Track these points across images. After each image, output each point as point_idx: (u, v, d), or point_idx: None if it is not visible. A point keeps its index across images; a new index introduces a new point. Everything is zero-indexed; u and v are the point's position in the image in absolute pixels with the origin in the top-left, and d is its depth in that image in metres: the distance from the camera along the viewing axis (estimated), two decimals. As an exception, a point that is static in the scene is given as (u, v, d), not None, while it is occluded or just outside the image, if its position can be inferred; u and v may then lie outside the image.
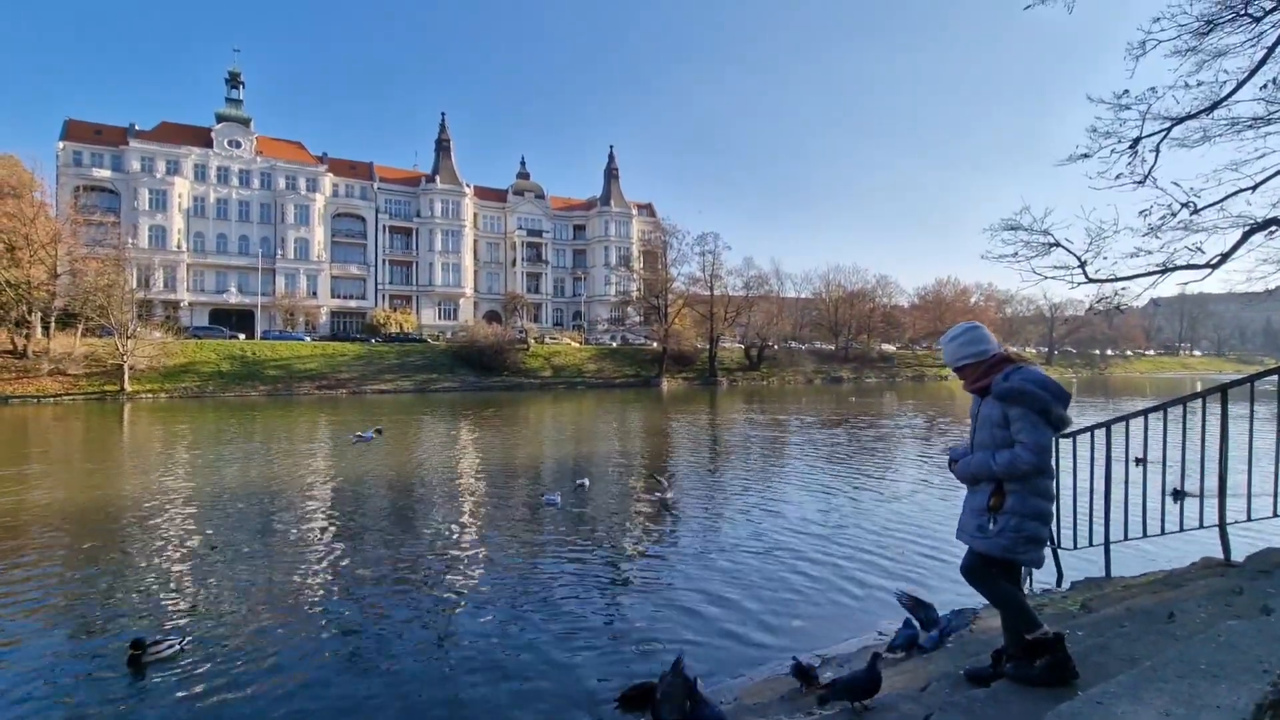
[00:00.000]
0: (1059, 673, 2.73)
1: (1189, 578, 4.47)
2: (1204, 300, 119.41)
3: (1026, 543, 2.83)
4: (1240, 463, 4.40)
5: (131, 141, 56.16)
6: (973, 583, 3.02)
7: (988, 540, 2.89)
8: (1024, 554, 2.86)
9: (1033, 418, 2.79)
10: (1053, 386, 2.82)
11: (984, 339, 3.03)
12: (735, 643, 5.47)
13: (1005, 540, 2.84)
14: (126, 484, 12.75)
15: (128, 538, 8.89)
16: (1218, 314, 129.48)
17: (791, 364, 70.16)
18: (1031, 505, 2.83)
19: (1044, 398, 2.78)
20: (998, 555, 2.88)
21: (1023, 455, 2.78)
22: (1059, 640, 2.76)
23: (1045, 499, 2.87)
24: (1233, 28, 6.24)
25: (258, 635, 5.69)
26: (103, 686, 4.78)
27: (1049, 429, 2.80)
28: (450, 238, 68.43)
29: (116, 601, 6.53)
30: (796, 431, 22.58)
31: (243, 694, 4.68)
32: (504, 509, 10.57)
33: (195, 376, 42.36)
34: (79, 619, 6.11)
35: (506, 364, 53.10)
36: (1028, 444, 2.78)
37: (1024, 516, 2.82)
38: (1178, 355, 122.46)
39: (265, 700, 4.60)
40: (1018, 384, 2.82)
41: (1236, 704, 2.02)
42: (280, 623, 5.95)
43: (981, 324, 3.15)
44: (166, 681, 4.86)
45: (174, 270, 56.02)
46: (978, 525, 2.95)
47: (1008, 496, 2.86)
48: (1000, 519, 2.86)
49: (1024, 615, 2.86)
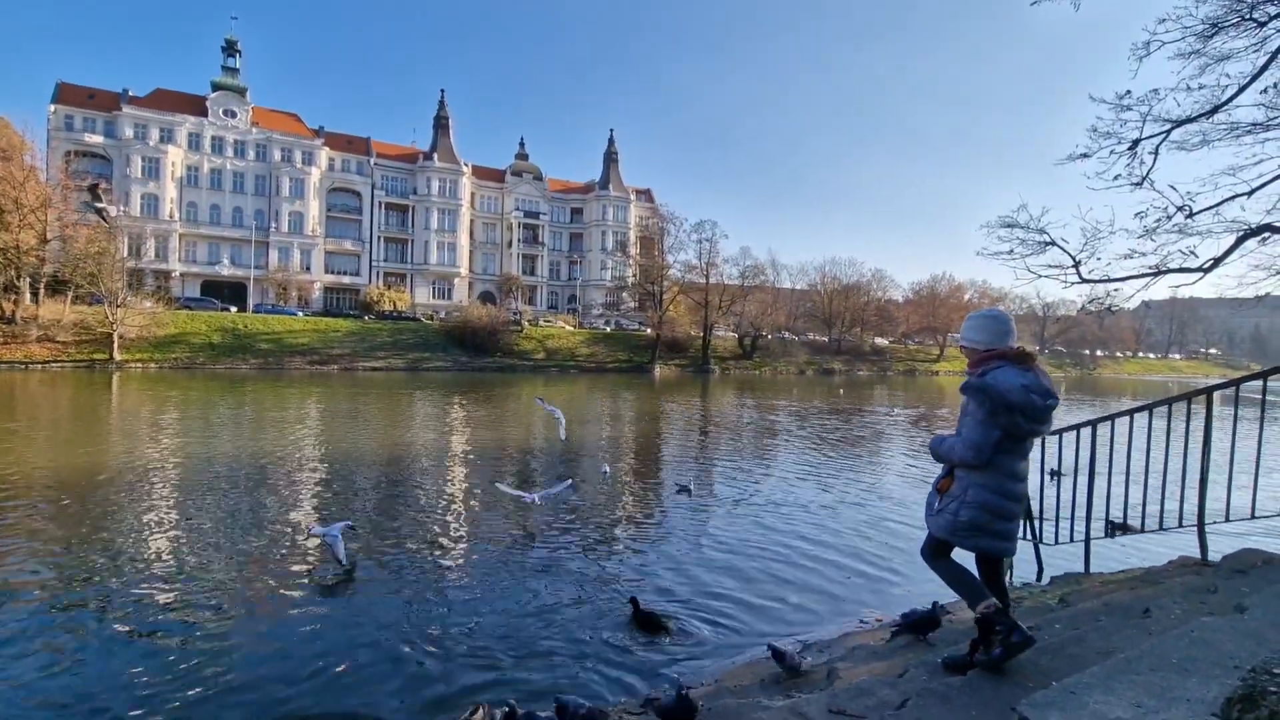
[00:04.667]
0: (1009, 645, 2.79)
1: (1166, 575, 4.56)
2: (1194, 304, 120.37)
3: (968, 529, 2.89)
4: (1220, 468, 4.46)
5: (125, 107, 55.25)
6: (927, 561, 3.13)
7: (932, 519, 3.05)
8: (964, 539, 2.93)
9: (980, 416, 2.84)
10: (1018, 395, 2.77)
11: (994, 331, 3.01)
12: (716, 627, 5.52)
13: (944, 521, 2.96)
14: (110, 451, 12.69)
15: (105, 503, 8.86)
16: (1207, 318, 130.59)
17: (784, 354, 70.37)
18: (976, 495, 2.88)
19: (998, 401, 2.77)
20: (937, 535, 3.01)
21: (957, 447, 2.90)
22: (1004, 609, 2.85)
23: (997, 494, 2.88)
24: (1237, 32, 6.25)
25: (226, 601, 5.74)
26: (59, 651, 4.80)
27: (994, 430, 2.81)
28: (447, 216, 67.90)
29: (86, 562, 6.57)
30: (787, 420, 22.68)
31: (212, 661, 4.71)
32: (489, 490, 10.59)
33: (185, 348, 42.07)
34: (44, 582, 6.10)
35: (500, 345, 53.02)
36: (965, 439, 2.88)
37: (964, 503, 2.89)
38: (1168, 358, 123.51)
39: (234, 670, 4.62)
40: (979, 381, 2.86)
41: (1206, 697, 2.07)
42: (241, 588, 6.02)
43: (1008, 316, 3.09)
44: (130, 641, 4.93)
45: (166, 240, 55.35)
46: (928, 503, 3.12)
47: (955, 481, 2.95)
48: (942, 500, 2.99)
49: (968, 590, 2.95)
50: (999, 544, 2.93)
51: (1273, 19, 6.01)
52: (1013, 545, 2.99)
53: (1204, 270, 6.82)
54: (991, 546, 2.94)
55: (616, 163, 78.86)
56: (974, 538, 2.91)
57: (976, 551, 3.01)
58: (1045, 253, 7.70)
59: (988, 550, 2.98)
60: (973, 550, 3.01)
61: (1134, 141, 6.99)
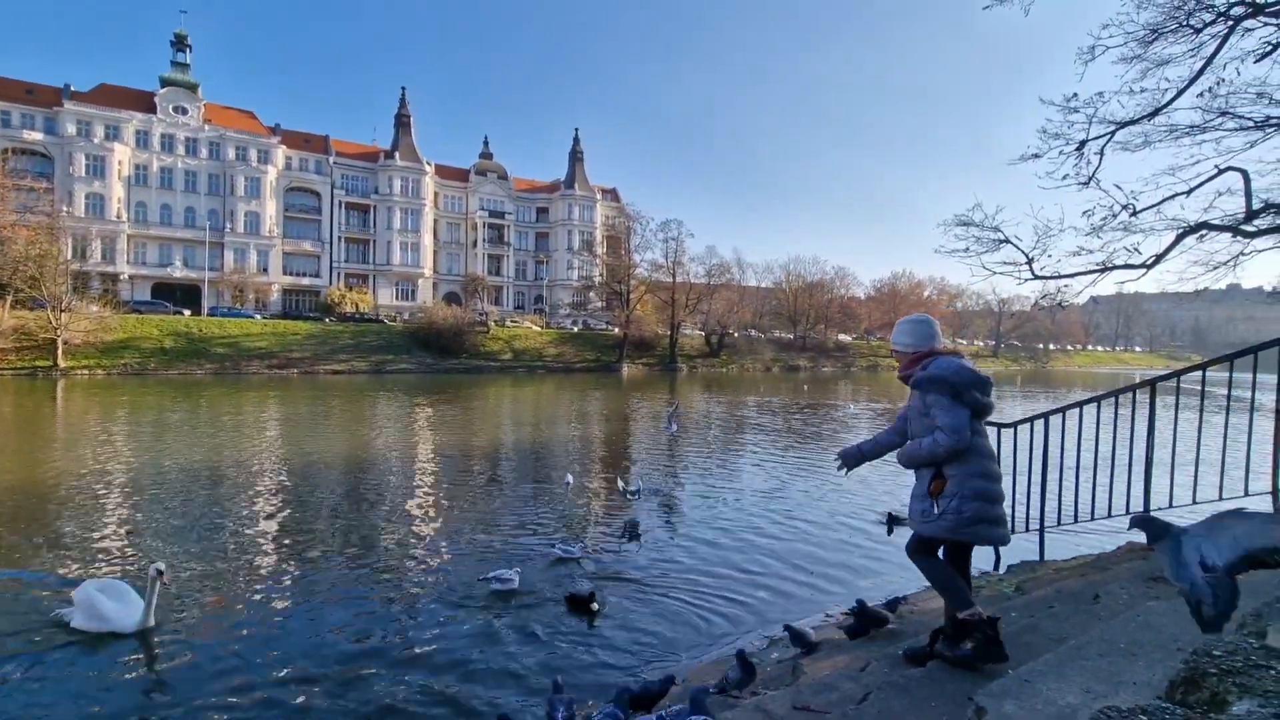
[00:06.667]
0: (988, 654, 2.84)
1: (1115, 561, 4.72)
2: (1139, 299, 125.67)
3: (971, 523, 2.93)
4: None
5: (66, 103, 52.85)
6: (914, 561, 3.15)
7: (931, 524, 3.01)
8: (969, 534, 2.97)
9: (945, 401, 2.94)
10: (966, 373, 2.98)
11: (922, 334, 3.18)
12: (684, 626, 5.53)
13: (947, 523, 2.95)
14: (53, 462, 12.14)
15: (45, 516, 8.48)
16: (1151, 312, 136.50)
17: (751, 352, 71.07)
18: (971, 487, 2.93)
19: (954, 381, 2.93)
20: (943, 537, 3.01)
21: (940, 438, 2.93)
22: (992, 622, 2.86)
23: (985, 479, 2.97)
24: (1175, 38, 6.50)
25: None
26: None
27: (963, 409, 2.93)
28: (409, 216, 66.75)
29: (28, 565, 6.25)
30: (753, 417, 22.90)
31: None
32: (457, 491, 10.44)
33: (136, 353, 40.50)
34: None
35: (466, 346, 52.38)
36: (943, 426, 2.93)
37: (964, 498, 2.93)
38: (1115, 351, 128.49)
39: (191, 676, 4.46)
40: (929, 372, 3.00)
41: (1152, 680, 2.13)
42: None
43: (933, 319, 3.27)
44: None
45: (113, 241, 53.17)
46: (921, 510, 3.06)
47: (947, 480, 2.97)
48: (941, 502, 2.98)
49: (956, 595, 2.98)
50: (997, 530, 3.01)
51: (1208, 25, 6.27)
52: (1008, 530, 3.09)
53: (1147, 266, 7.09)
54: (995, 534, 3.01)
55: (582, 162, 78.52)
56: (980, 530, 2.96)
57: (982, 544, 3.07)
58: (1000, 250, 7.94)
59: (991, 540, 3.05)
60: (979, 543, 3.06)
61: (1081, 142, 7.23)
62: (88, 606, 5.02)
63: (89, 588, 5.14)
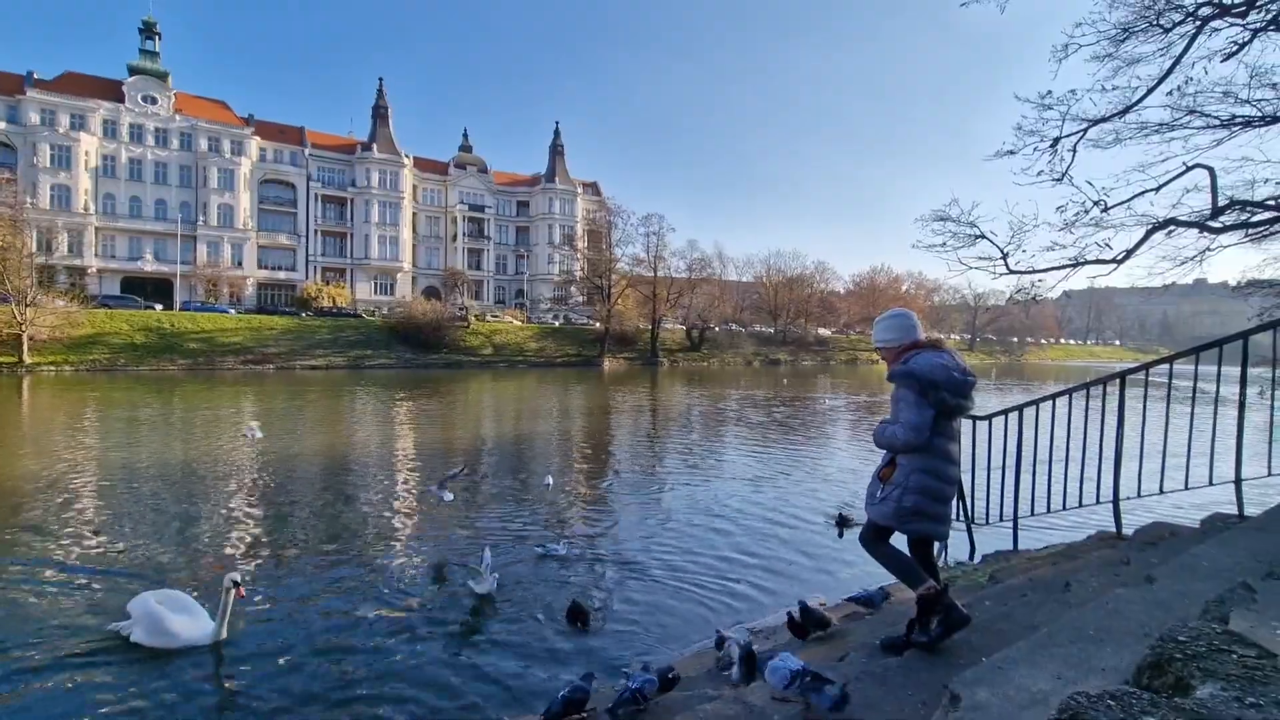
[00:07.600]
0: (949, 622, 2.91)
1: (1085, 550, 4.83)
2: (1110, 294, 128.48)
3: (910, 515, 3.01)
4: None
5: (29, 91, 51.19)
6: (866, 548, 3.24)
7: (874, 507, 3.14)
8: (907, 525, 3.06)
9: (911, 398, 2.99)
10: (940, 372, 3.00)
11: (902, 328, 3.22)
12: (668, 618, 5.56)
13: (887, 509, 3.06)
14: (21, 459, 11.83)
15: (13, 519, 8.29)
16: (1121, 307, 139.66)
17: (732, 346, 71.33)
18: (916, 480, 3.01)
19: (925, 380, 2.96)
20: (880, 522, 3.11)
21: (898, 432, 3.02)
22: (943, 591, 2.95)
23: (933, 477, 3.03)
24: (1145, 37, 6.61)
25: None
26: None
27: (929, 408, 2.97)
28: (388, 209, 65.83)
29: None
30: (734, 410, 23.02)
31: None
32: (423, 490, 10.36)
33: (105, 349, 39.55)
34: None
35: (446, 341, 51.89)
36: (903, 422, 3.00)
37: (906, 490, 3.01)
38: (1086, 344, 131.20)
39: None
40: (904, 367, 3.05)
41: (1120, 665, 2.19)
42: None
43: (911, 312, 3.31)
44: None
45: (80, 234, 51.71)
46: (870, 492, 3.21)
47: (896, 469, 3.07)
48: (885, 488, 3.09)
49: (907, 574, 3.07)
50: (937, 527, 3.09)
51: (1176, 25, 6.39)
52: (948, 529, 3.16)
53: (1118, 261, 7.23)
54: (931, 530, 3.09)
55: (562, 155, 77.98)
56: (915, 522, 3.04)
57: (917, 535, 3.14)
58: (976, 245, 8.02)
59: (927, 534, 3.12)
60: (913, 535, 3.13)
61: (1055, 139, 7.34)
62: (151, 622, 4.67)
63: (149, 600, 4.77)
